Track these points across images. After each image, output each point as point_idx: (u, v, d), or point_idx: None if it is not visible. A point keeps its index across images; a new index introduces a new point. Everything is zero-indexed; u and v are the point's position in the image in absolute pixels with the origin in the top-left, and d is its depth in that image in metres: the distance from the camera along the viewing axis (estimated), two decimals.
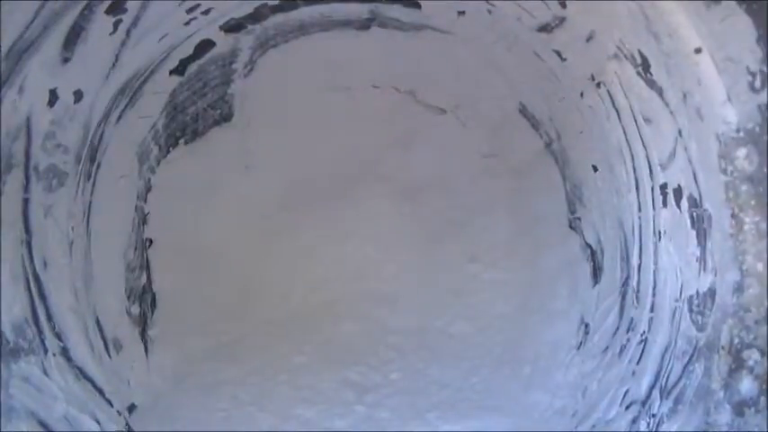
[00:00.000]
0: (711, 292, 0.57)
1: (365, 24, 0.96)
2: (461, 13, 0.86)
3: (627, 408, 0.67)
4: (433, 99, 1.07)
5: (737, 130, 0.50)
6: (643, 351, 0.70)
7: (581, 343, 0.86)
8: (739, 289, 0.53)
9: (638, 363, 0.70)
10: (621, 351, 0.75)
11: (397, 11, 0.92)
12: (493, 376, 0.90)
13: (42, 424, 0.63)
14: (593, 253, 0.92)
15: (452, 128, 1.09)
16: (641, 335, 0.71)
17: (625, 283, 0.79)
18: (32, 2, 0.57)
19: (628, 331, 0.75)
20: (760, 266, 0.50)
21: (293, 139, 1.05)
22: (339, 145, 1.08)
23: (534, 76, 0.87)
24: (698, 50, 0.52)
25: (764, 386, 0.48)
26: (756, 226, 0.50)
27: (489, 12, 0.82)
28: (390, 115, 1.08)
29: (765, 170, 0.47)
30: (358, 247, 1.04)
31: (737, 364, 0.52)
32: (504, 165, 1.06)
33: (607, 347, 0.79)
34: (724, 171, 0.53)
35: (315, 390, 0.87)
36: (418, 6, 0.89)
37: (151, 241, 0.97)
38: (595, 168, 0.86)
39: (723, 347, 0.53)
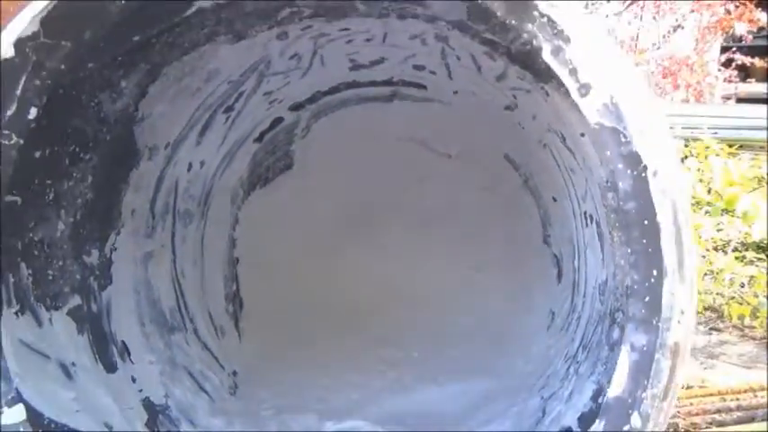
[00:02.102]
0: (605, 280, 0.90)
1: (389, 99, 1.30)
2: (455, 92, 1.21)
3: (565, 361, 1.00)
4: (442, 148, 1.41)
5: (606, 182, 0.84)
6: (578, 324, 1.02)
7: (548, 326, 1.19)
8: (614, 276, 0.86)
9: (575, 332, 1.03)
10: (568, 327, 1.08)
11: (411, 90, 1.26)
12: (486, 353, 1.23)
13: (191, 375, 0.99)
14: (557, 261, 1.25)
15: (457, 169, 1.42)
16: (578, 314, 1.04)
17: (574, 281, 1.12)
18: (186, 113, 0.95)
19: (573, 313, 1.08)
20: (622, 262, 0.82)
21: (338, 180, 1.39)
22: (372, 183, 1.41)
23: (509, 137, 1.21)
24: (582, 134, 0.86)
25: (622, 332, 0.80)
26: (619, 238, 0.83)
27: (473, 93, 1.16)
28: (410, 160, 1.42)
29: (621, 204, 0.80)
30: (388, 260, 1.37)
31: (612, 321, 0.85)
32: (496, 197, 1.40)
33: (563, 327, 1.12)
34: (604, 206, 0.86)
35: (360, 362, 1.21)
36: (425, 88, 1.24)
37: (238, 259, 1.33)
38: (555, 200, 1.20)
39: (607, 313, 0.86)
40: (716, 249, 2.65)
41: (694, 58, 5.02)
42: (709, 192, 3.41)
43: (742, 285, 2.23)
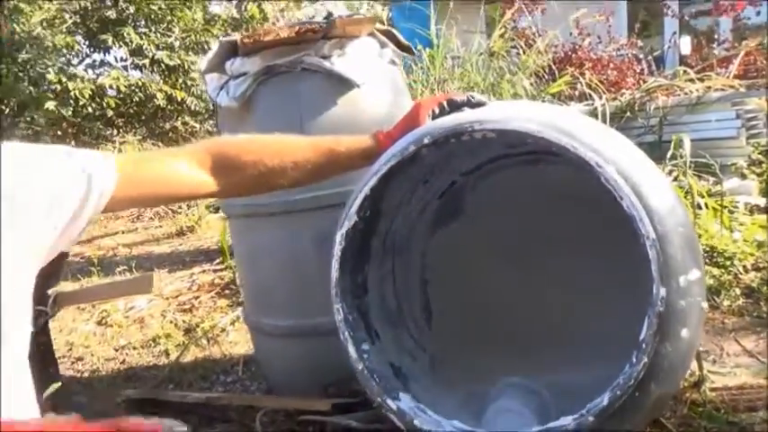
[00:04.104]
0: None
1: (534, 162, 1.79)
2: None
3: None
4: (574, 195, 1.88)
5: None
6: None
7: None
8: None
9: None
10: None
11: (549, 157, 1.76)
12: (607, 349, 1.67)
13: (409, 353, 1.55)
14: None
15: (588, 211, 1.88)
16: None
17: None
18: (404, 190, 1.52)
19: None
20: None
21: (498, 222, 1.89)
22: (524, 223, 1.88)
23: None
24: None
25: None
26: None
27: None
28: (550, 205, 1.89)
29: None
30: (536, 278, 1.86)
31: None
32: (620, 230, 1.83)
33: None
34: None
35: (522, 351, 1.70)
36: (559, 155, 1.72)
37: (427, 280, 1.89)
38: None
39: None
40: None
41: None
42: None
43: None
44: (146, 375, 2.49)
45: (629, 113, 4.46)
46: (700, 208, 3.03)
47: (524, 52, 5.71)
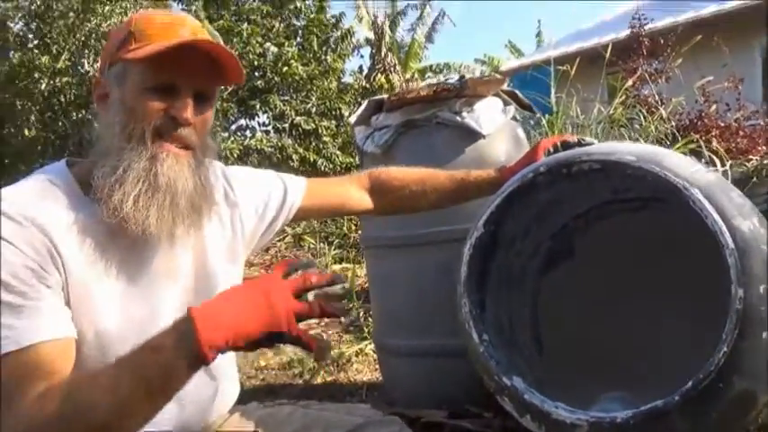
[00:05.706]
0: None
1: (639, 209, 1.98)
2: None
3: None
4: (671, 240, 2.02)
5: None
6: None
7: None
8: None
9: None
10: None
11: (653, 203, 1.93)
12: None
13: (520, 371, 1.76)
14: None
15: (683, 255, 2.00)
16: None
17: None
18: (521, 226, 1.77)
19: None
20: None
21: (604, 262, 2.08)
22: (627, 263, 2.05)
23: None
24: None
25: None
26: None
27: None
28: (652, 248, 2.03)
29: None
30: (634, 312, 1.98)
31: None
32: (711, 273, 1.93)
33: None
34: None
35: (619, 378, 1.83)
36: (665, 201, 1.89)
37: (537, 313, 2.08)
38: None
39: None
40: None
41: None
42: None
43: None
44: (282, 392, 2.82)
45: (755, 179, 4.38)
46: None
47: (646, 119, 5.75)
